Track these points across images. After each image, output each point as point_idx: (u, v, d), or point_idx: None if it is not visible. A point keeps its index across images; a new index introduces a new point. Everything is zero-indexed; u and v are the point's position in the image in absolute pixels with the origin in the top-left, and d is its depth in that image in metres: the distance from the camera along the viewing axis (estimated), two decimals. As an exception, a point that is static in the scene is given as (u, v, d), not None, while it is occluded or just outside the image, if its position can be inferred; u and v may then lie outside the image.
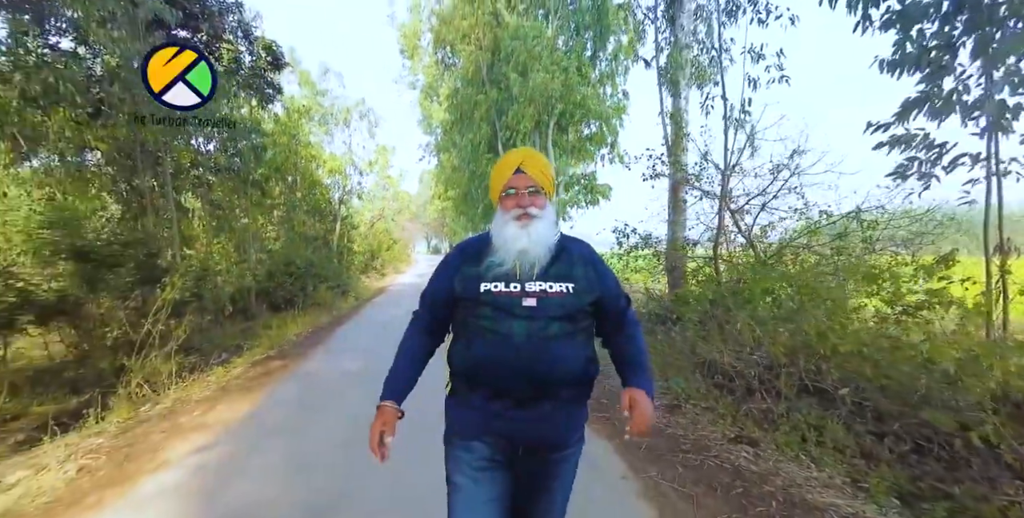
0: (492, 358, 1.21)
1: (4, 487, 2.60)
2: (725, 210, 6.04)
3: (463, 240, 1.47)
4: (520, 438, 1.24)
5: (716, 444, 3.17)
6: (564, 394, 1.24)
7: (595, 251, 1.41)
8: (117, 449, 3.20)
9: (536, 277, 1.25)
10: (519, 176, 1.30)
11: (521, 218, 1.28)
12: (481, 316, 1.23)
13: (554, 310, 1.21)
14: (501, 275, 1.25)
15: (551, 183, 1.36)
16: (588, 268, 1.31)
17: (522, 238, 1.25)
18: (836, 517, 2.26)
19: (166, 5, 6.49)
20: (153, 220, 7.38)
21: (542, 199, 1.32)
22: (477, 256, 1.31)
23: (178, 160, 7.53)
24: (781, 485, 2.59)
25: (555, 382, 1.21)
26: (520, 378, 1.19)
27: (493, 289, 1.23)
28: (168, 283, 5.04)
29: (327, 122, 16.41)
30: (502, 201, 1.33)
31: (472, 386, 1.27)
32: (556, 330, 1.20)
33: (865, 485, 2.55)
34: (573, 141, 17.10)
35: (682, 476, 2.72)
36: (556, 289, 1.23)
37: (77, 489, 2.65)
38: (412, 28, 17.34)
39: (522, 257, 1.25)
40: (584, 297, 1.25)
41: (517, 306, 1.21)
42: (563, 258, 1.30)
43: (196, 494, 2.59)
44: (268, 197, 11.35)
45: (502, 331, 1.20)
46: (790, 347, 3.38)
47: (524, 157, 1.33)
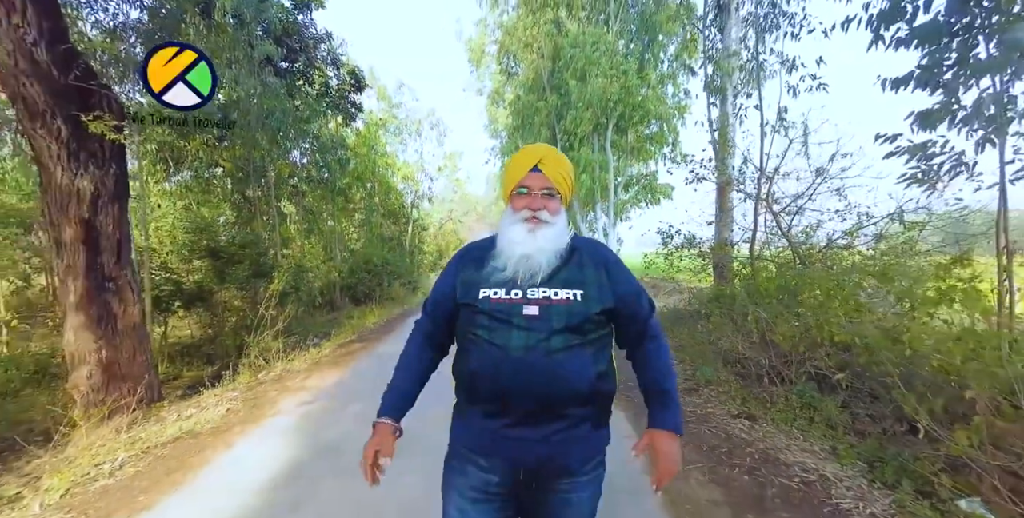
0: (488, 371, 1.10)
1: (183, 418, 3.70)
2: (762, 212, 6.31)
3: (468, 242, 1.41)
4: (520, 461, 1.12)
5: (719, 418, 3.67)
6: (572, 414, 1.11)
7: (612, 252, 1.29)
8: (248, 400, 4.27)
9: (540, 283, 1.13)
10: (535, 175, 1.19)
11: (529, 220, 1.17)
12: (478, 325, 1.13)
13: (558, 320, 1.09)
14: (502, 281, 1.15)
15: (570, 187, 1.24)
16: (601, 272, 1.18)
17: (527, 243, 1.15)
18: (797, 470, 2.74)
19: (274, 45, 7.80)
20: (260, 224, 8.80)
21: (556, 204, 1.20)
22: (480, 260, 1.22)
23: (279, 172, 8.89)
24: (762, 448, 3.08)
25: (557, 400, 1.09)
26: (520, 394, 1.08)
27: (492, 296, 1.13)
28: (275, 277, 6.22)
29: (401, 132, 17.84)
30: (512, 200, 1.22)
31: (471, 401, 1.17)
32: (560, 342, 1.08)
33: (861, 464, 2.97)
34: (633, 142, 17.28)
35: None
36: (561, 296, 1.12)
37: (226, 422, 3.69)
38: (478, 40, 18.41)
39: (524, 263, 1.14)
40: (594, 305, 1.12)
41: (517, 315, 1.10)
42: (573, 261, 1.19)
43: (303, 431, 3.53)
44: (351, 202, 12.76)
45: (499, 342, 1.09)
46: (792, 337, 3.78)
47: (544, 155, 1.21)
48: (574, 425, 1.11)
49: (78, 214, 3.75)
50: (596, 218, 18.62)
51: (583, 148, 16.64)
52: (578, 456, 1.13)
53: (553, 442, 1.09)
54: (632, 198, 18.86)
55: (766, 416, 3.61)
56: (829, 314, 3.65)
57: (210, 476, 2.83)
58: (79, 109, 3.54)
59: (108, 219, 3.97)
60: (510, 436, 1.10)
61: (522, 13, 16.34)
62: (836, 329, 3.54)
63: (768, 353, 4.12)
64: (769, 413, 3.64)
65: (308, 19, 9.57)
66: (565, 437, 1.10)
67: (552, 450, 1.10)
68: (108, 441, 3.32)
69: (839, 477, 2.66)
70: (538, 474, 1.12)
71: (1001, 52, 3.10)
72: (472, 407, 1.16)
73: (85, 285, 3.87)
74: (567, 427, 1.10)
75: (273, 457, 3.05)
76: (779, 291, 4.40)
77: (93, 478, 2.82)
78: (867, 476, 2.68)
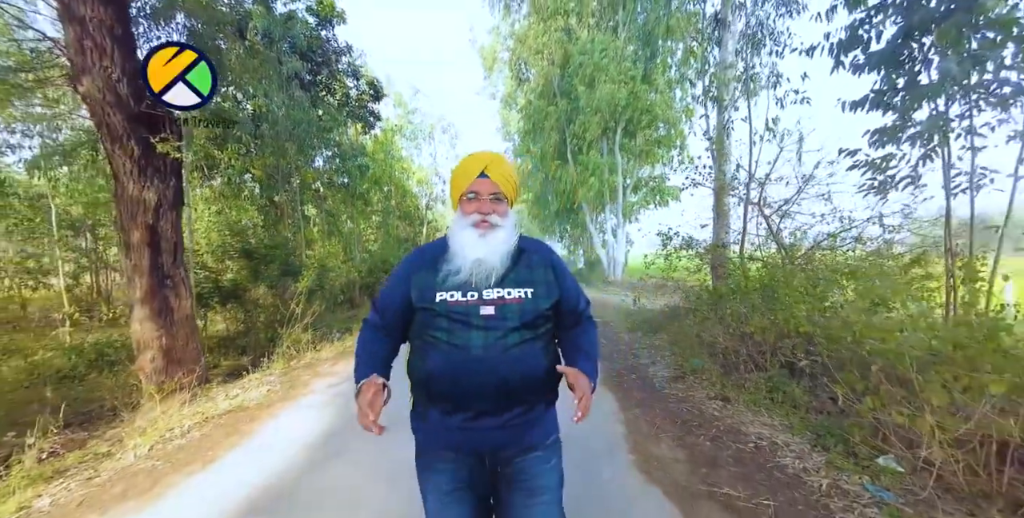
0: (450, 371, 1.16)
1: (231, 396, 4.33)
2: (754, 216, 6.76)
3: (419, 245, 1.38)
4: (483, 448, 1.21)
5: (697, 400, 4.17)
6: (528, 399, 1.21)
7: (555, 253, 1.37)
8: (284, 382, 4.88)
9: (494, 284, 1.20)
10: (483, 180, 1.25)
11: (480, 225, 1.23)
12: (437, 327, 1.18)
13: (512, 318, 1.17)
14: (458, 284, 1.20)
15: (515, 190, 1.31)
16: (548, 271, 1.28)
17: (479, 247, 1.21)
18: (753, 438, 3.24)
19: (301, 61, 8.45)
20: (285, 227, 9.47)
21: (504, 206, 1.28)
22: (433, 262, 1.26)
23: (304, 178, 9.56)
24: (729, 423, 3.58)
25: (517, 391, 1.18)
26: (480, 390, 1.15)
27: (449, 299, 1.19)
28: (303, 276, 6.85)
29: (416, 137, 18.50)
30: (462, 204, 1.27)
31: (430, 400, 1.23)
32: (515, 338, 1.16)
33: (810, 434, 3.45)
34: (641, 145, 17.67)
35: (656, 414, 3.79)
36: (515, 295, 1.20)
37: (268, 399, 4.31)
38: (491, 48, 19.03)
39: (478, 266, 1.20)
40: (543, 302, 1.22)
41: (475, 316, 1.16)
42: (522, 262, 1.27)
43: (333, 406, 4.12)
44: (369, 206, 13.43)
45: (459, 343, 1.15)
46: (764, 329, 4.25)
47: (490, 161, 1.27)
48: (531, 409, 1.22)
49: (144, 221, 4.39)
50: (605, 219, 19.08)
51: (592, 151, 17.15)
52: (538, 433, 1.25)
53: (512, 426, 1.19)
54: (641, 200, 19.26)
55: (739, 398, 4.10)
56: (796, 309, 4.12)
57: (261, 438, 3.42)
58: (148, 132, 4.17)
59: (167, 225, 4.60)
60: (471, 428, 1.18)
61: (533, 21, 16.92)
62: (801, 322, 4.02)
63: (746, 344, 4.60)
64: (742, 395, 4.13)
65: (331, 34, 10.24)
66: (523, 420, 1.20)
67: (512, 433, 1.20)
68: (174, 413, 3.94)
69: (788, 443, 3.16)
70: (501, 455, 1.21)
71: (938, 80, 3.56)
72: (431, 406, 1.23)
73: (149, 282, 4.50)
74: (524, 411, 1.20)
75: (310, 425, 3.64)
76: (759, 288, 4.86)
77: (169, 439, 3.43)
78: (812, 443, 3.17)
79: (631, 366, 5.40)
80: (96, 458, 3.19)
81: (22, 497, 2.61)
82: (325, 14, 10.04)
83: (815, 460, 2.89)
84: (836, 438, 3.12)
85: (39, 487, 2.76)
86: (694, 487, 2.61)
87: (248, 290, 7.22)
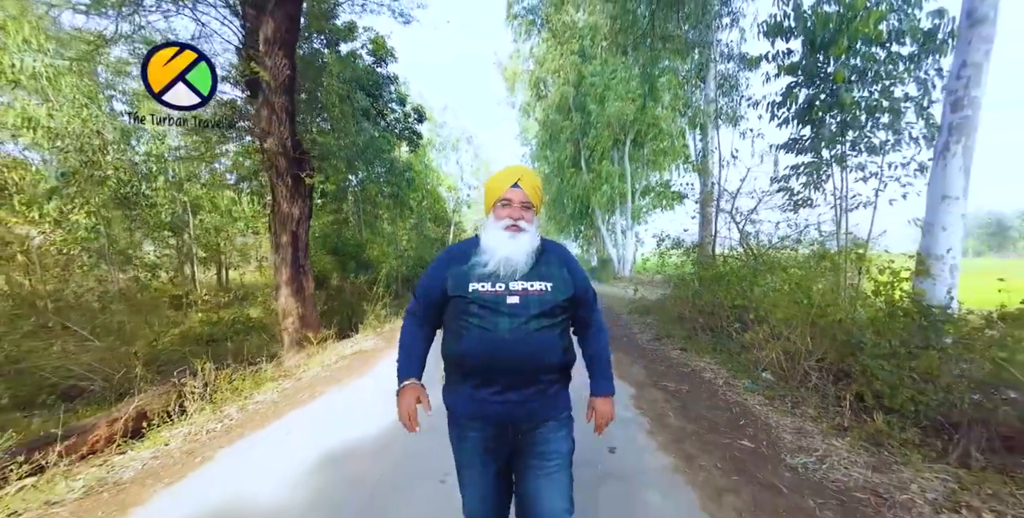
0: (481, 350, 1.36)
1: (351, 346, 6.42)
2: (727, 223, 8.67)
3: (450, 245, 1.65)
4: (509, 419, 1.41)
5: (665, 351, 6.13)
6: (545, 379, 1.42)
7: (570, 253, 1.58)
8: (383, 338, 6.96)
9: (519, 277, 1.40)
10: (515, 190, 1.45)
11: (510, 228, 1.43)
12: (470, 313, 1.38)
13: (535, 306, 1.37)
14: (487, 275, 1.40)
15: (540, 200, 1.53)
16: (563, 269, 1.48)
17: (508, 246, 1.41)
18: (690, 367, 5.19)
19: (366, 97, 10.57)
20: (350, 230, 11.62)
21: (531, 213, 1.48)
22: (465, 257, 1.47)
23: (367, 191, 11.70)
24: (681, 361, 5.54)
25: (538, 369, 1.39)
26: (507, 367, 1.36)
27: (480, 288, 1.38)
28: (377, 269, 8.96)
29: (444, 148, 20.63)
30: (495, 209, 1.48)
31: (464, 376, 1.44)
32: (537, 324, 1.36)
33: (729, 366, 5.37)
34: (648, 155, 19.52)
35: (635, 357, 5.76)
36: (536, 287, 1.40)
37: (375, 348, 6.39)
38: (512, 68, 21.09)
39: (506, 262, 1.40)
40: (560, 294, 1.42)
41: (502, 304, 1.36)
42: (543, 259, 1.47)
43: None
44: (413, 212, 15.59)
45: (488, 326, 1.35)
46: (711, 304, 6.18)
47: (522, 174, 1.48)
48: (547, 388, 1.44)
49: (290, 228, 6.50)
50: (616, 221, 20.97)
51: (604, 161, 19.06)
52: (552, 408, 1.46)
53: (531, 402, 1.41)
54: (648, 204, 21.10)
55: (692, 348, 6.05)
56: (732, 290, 6.05)
57: (378, 370, 5.47)
58: (297, 169, 6.28)
59: (302, 231, 6.71)
60: (498, 401, 1.39)
61: (550, 44, 18.90)
62: (736, 298, 5.95)
63: (703, 315, 6.54)
64: (693, 347, 6.08)
65: (385, 71, 12.35)
66: (540, 397, 1.42)
67: (531, 407, 1.41)
68: (316, 355, 6.02)
69: (709, 368, 5.12)
70: (522, 427, 1.43)
71: (829, 133, 5.47)
72: (464, 381, 1.44)
73: (290, 271, 6.62)
74: (541, 390, 1.42)
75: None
76: (715, 277, 6.79)
77: (327, 366, 5.53)
78: (728, 370, 5.11)
79: (624, 334, 7.37)
80: (284, 378, 5.27)
81: (255, 392, 4.69)
82: (380, 53, 12.15)
83: (724, 375, 4.84)
84: (741, 365, 5.06)
85: (266, 384, 4.84)
86: (647, 383, 4.59)
87: (329, 278, 9.38)
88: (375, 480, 2.66)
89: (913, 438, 3.02)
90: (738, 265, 7.09)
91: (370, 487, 2.58)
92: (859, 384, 3.55)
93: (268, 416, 3.83)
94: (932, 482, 2.51)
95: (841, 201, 5.85)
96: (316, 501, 2.44)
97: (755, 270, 6.58)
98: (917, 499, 2.35)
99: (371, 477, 2.69)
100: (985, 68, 3.90)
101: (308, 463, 2.88)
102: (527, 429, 1.43)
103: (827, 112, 5.52)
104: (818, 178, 5.60)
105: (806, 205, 5.97)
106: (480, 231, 1.53)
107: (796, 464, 2.85)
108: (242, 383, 4.72)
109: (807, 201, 5.94)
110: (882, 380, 3.33)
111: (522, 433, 1.43)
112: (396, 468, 2.81)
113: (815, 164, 5.57)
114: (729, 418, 3.66)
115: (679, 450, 3.06)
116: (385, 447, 3.10)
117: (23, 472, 2.64)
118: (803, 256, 7.49)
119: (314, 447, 3.10)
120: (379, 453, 3.02)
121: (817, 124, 5.72)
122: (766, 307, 5.16)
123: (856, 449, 3.01)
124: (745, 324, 5.82)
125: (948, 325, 3.51)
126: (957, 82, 4.01)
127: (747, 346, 5.10)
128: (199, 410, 3.90)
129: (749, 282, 6.29)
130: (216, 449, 3.15)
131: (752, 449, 3.09)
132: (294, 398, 4.37)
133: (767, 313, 5.03)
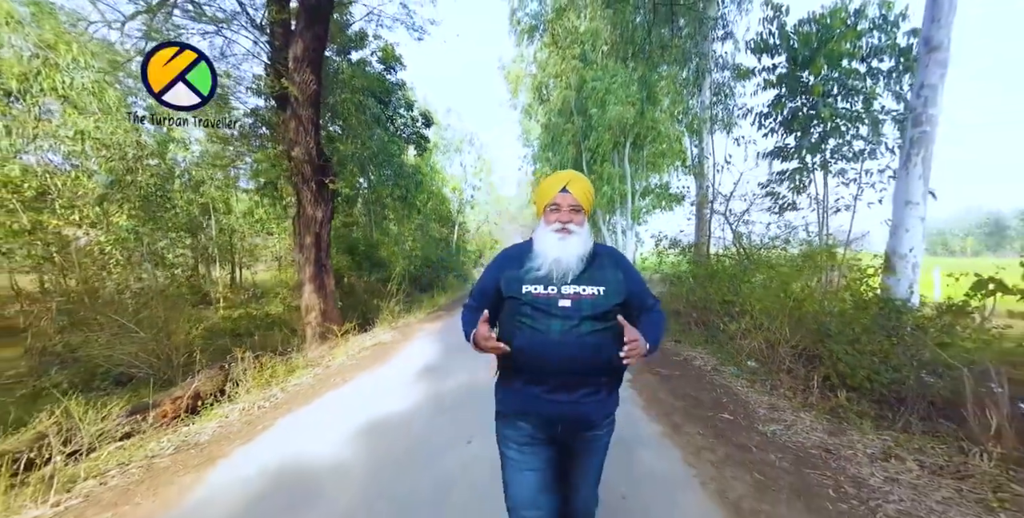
0: (532, 350, 1.40)
1: (372, 338, 6.95)
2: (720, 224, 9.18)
3: (508, 246, 1.69)
4: (557, 418, 1.45)
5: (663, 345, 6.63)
6: (595, 382, 1.43)
7: (625, 257, 1.60)
8: (400, 332, 7.49)
9: (571, 281, 1.43)
10: (564, 195, 1.49)
11: (560, 231, 1.47)
12: (523, 314, 1.43)
13: (586, 310, 1.39)
14: (540, 278, 1.44)
15: (591, 204, 1.54)
16: (618, 273, 1.49)
17: (558, 249, 1.44)
18: (683, 356, 5.70)
19: (378, 105, 11.10)
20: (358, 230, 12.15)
21: (581, 216, 1.51)
22: (519, 260, 1.52)
23: (377, 193, 12.23)
24: (674, 351, 6.05)
25: (587, 372, 1.41)
26: (556, 368, 1.39)
27: (533, 291, 1.43)
28: (390, 267, 9.48)
29: (448, 150, 21.13)
30: (546, 213, 1.53)
31: (516, 372, 1.48)
32: (588, 327, 1.38)
33: (719, 355, 5.88)
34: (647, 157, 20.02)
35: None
36: (589, 292, 1.42)
37: (394, 340, 6.94)
38: (515, 72, 21.61)
39: (557, 265, 1.43)
40: (613, 298, 1.43)
41: (554, 306, 1.40)
42: (596, 264, 1.50)
43: (434, 341, 6.69)
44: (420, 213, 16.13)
45: (541, 328, 1.39)
46: (703, 299, 6.69)
47: (571, 178, 1.52)
48: (596, 391, 1.45)
49: (314, 230, 7.02)
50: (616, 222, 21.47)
51: (605, 163, 19.54)
52: (598, 413, 1.48)
53: (580, 404, 1.43)
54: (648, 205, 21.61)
55: (685, 340, 6.56)
56: (722, 287, 6.57)
57: (398, 359, 5.99)
58: (320, 176, 6.80)
59: (324, 232, 7.23)
60: (548, 399, 1.42)
61: (552, 50, 19.36)
62: (725, 294, 6.46)
63: (696, 309, 7.06)
64: (687, 339, 6.59)
65: (394, 78, 12.87)
66: (589, 400, 1.44)
67: (580, 409, 1.43)
68: (340, 347, 6.55)
69: (700, 357, 5.64)
70: (569, 427, 1.47)
71: (810, 143, 5.98)
72: (517, 377, 1.48)
73: (313, 269, 7.14)
74: (590, 392, 1.43)
75: (425, 351, 6.22)
76: (707, 274, 7.30)
77: (351, 356, 6.04)
78: (717, 358, 5.62)
79: (624, 328, 7.91)
80: (313, 366, 5.79)
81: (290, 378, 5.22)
82: (389, 61, 12.68)
83: (713, 362, 5.36)
84: (729, 354, 5.58)
85: (298, 371, 5.36)
86: (642, 369, 5.10)
87: (345, 276, 9.91)
88: (412, 442, 3.18)
89: (868, 410, 3.54)
90: (731, 264, 7.60)
91: (408, 446, 3.10)
92: (826, 367, 4.07)
93: (309, 395, 4.36)
94: (874, 442, 3.03)
95: (822, 204, 6.37)
96: (365, 456, 2.96)
97: (746, 269, 7.09)
98: (859, 454, 2.87)
99: (408, 440, 3.21)
100: (940, 89, 4.42)
101: (352, 430, 3.40)
102: (574, 430, 1.48)
103: (809, 123, 6.04)
104: (801, 183, 6.11)
105: (790, 208, 6.48)
106: (533, 235, 1.58)
107: (766, 431, 3.37)
108: (275, 370, 5.23)
109: (791, 205, 6.45)
110: (845, 362, 3.85)
111: (567, 434, 1.48)
112: (429, 432, 3.33)
113: (799, 170, 6.09)
114: (714, 397, 4.18)
115: (668, 421, 3.58)
116: (416, 420, 3.62)
117: (117, 435, 3.17)
118: (791, 255, 8.03)
119: (355, 419, 3.61)
120: (411, 423, 3.54)
121: (800, 133, 6.24)
122: (751, 301, 5.68)
123: (820, 420, 3.53)
124: (733, 317, 6.34)
125: (906, 315, 4.03)
126: (917, 100, 4.52)
127: (733, 336, 5.60)
128: (247, 391, 4.42)
129: (739, 279, 6.81)
130: (274, 419, 3.67)
131: (730, 420, 3.61)
132: (328, 382, 4.89)
133: (751, 306, 5.54)
